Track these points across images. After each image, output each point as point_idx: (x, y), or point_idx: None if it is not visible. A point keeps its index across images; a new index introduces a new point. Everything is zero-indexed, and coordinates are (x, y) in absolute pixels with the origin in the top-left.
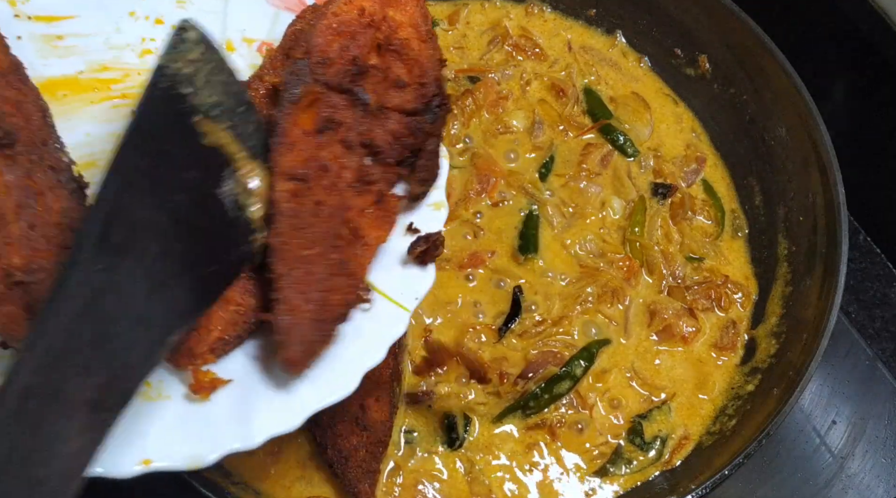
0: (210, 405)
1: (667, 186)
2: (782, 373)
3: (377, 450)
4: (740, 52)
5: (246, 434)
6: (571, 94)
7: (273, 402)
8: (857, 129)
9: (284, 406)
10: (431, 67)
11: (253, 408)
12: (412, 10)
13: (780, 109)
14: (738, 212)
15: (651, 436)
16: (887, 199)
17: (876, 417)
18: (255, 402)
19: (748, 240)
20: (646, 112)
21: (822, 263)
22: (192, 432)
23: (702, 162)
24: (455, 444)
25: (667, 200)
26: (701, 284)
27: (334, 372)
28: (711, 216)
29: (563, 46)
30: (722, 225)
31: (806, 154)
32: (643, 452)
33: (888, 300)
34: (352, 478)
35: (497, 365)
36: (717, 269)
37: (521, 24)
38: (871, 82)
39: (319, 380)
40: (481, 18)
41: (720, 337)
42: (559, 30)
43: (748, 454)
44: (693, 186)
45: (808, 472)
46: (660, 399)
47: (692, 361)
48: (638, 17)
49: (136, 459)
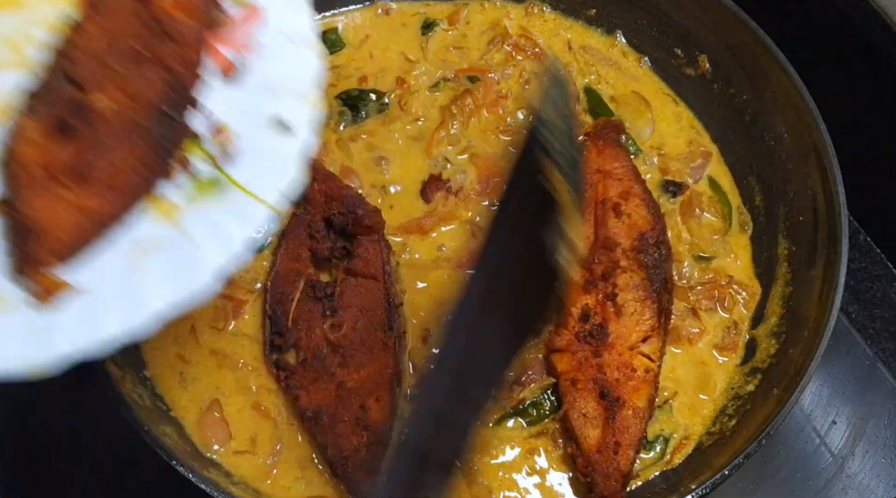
0: (55, 312)
1: (678, 184)
2: (782, 373)
3: (378, 450)
4: (740, 52)
5: (92, 338)
6: (572, 94)
7: (121, 305)
8: (857, 129)
9: (133, 309)
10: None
11: (101, 313)
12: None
13: (780, 109)
14: (742, 208)
15: (653, 435)
16: (887, 199)
17: (876, 417)
18: (104, 306)
19: (751, 238)
20: (647, 111)
21: (823, 263)
22: (33, 337)
23: (707, 156)
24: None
25: (677, 198)
26: (705, 284)
27: (185, 270)
28: (719, 212)
29: (563, 46)
30: (730, 221)
31: (806, 154)
32: (645, 452)
33: (888, 300)
34: (352, 478)
35: None
36: (723, 269)
37: (521, 23)
38: (871, 82)
39: (170, 280)
40: (481, 18)
41: (722, 337)
42: (559, 30)
43: (748, 454)
44: (699, 183)
45: (808, 472)
46: (661, 399)
47: (694, 361)
48: (638, 17)
49: None
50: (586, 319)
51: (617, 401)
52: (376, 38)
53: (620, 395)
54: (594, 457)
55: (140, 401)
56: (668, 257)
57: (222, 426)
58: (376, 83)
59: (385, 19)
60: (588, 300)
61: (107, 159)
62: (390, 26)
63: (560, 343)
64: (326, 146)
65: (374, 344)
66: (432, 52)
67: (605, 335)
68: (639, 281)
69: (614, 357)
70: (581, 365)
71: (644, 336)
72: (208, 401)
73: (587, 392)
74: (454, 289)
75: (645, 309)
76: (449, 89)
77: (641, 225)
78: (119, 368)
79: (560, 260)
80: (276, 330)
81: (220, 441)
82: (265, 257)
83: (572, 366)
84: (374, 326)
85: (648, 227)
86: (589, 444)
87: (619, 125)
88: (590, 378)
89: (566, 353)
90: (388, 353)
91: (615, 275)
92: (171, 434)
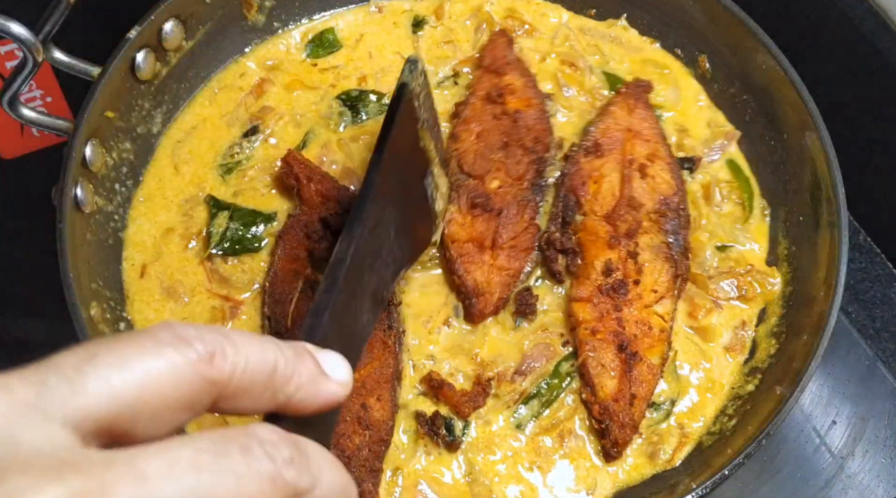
0: None
1: (691, 159)
2: (782, 373)
3: (380, 449)
4: (740, 53)
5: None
6: (583, 66)
7: None
8: (857, 129)
9: None
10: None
11: None
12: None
13: (779, 110)
14: (761, 195)
15: (657, 398)
16: (887, 200)
17: (876, 417)
18: None
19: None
20: (667, 77)
21: (823, 263)
22: None
23: (731, 137)
24: (453, 445)
25: (694, 175)
26: (724, 273)
27: None
28: (739, 197)
29: (558, 23)
30: (751, 207)
31: (805, 153)
32: (654, 409)
33: (888, 300)
34: (355, 478)
35: (492, 364)
36: (743, 258)
37: (506, 6)
38: (871, 82)
39: None
40: (461, 8)
41: (731, 338)
42: (547, 10)
43: (748, 454)
44: (717, 166)
45: (808, 472)
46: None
47: (706, 357)
48: (637, 16)
49: None
50: (609, 272)
51: (634, 355)
52: (370, 38)
53: (638, 350)
54: (611, 405)
55: None
56: (687, 225)
57: (222, 426)
58: (376, 84)
59: (378, 17)
60: (612, 255)
61: (509, 225)
62: (383, 25)
63: (583, 293)
64: (327, 146)
65: (374, 343)
66: (425, 51)
67: (626, 291)
68: (659, 243)
69: (633, 313)
70: (602, 316)
71: (660, 297)
72: None
73: (606, 343)
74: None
75: (663, 271)
76: (462, 79)
77: (664, 189)
78: None
79: (434, 202)
80: (275, 330)
81: None
82: (262, 258)
83: (594, 316)
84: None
85: (671, 192)
86: (605, 392)
87: (649, 85)
88: (609, 330)
89: (588, 303)
90: (388, 352)
91: (638, 234)
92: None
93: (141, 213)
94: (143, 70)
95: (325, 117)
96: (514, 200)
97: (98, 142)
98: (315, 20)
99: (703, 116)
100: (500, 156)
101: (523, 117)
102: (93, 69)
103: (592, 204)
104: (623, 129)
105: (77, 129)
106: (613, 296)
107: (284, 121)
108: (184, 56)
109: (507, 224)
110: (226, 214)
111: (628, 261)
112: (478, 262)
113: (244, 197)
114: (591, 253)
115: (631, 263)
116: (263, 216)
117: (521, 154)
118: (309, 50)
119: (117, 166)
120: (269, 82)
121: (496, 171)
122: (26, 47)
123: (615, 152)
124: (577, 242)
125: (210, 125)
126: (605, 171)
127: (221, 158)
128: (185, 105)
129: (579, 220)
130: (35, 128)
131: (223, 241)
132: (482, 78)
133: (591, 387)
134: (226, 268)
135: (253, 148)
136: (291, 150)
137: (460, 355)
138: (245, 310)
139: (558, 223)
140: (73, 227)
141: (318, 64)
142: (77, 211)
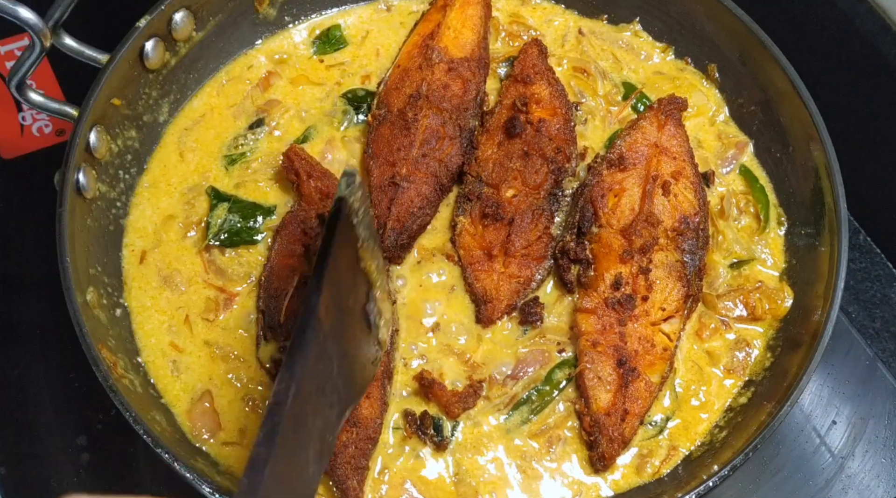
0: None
1: (704, 175)
2: (774, 388)
3: (367, 447)
4: (750, 63)
5: None
6: (595, 72)
7: None
8: (856, 129)
9: None
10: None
11: None
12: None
13: (786, 122)
14: (777, 204)
15: (654, 413)
16: (887, 199)
17: (876, 417)
18: None
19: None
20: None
21: (822, 277)
22: None
23: (742, 147)
24: (441, 445)
25: (711, 188)
26: (733, 291)
27: None
28: (755, 208)
29: (564, 29)
30: (766, 218)
31: (807, 156)
32: (646, 425)
33: (888, 300)
34: (341, 474)
35: (485, 367)
36: (754, 276)
37: (510, 11)
38: (871, 82)
39: None
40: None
41: (733, 360)
42: (552, 16)
43: (735, 466)
44: (732, 176)
45: (808, 472)
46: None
47: (705, 380)
48: (648, 24)
49: None
50: (618, 286)
51: (633, 371)
52: (376, 36)
53: (637, 366)
54: (602, 419)
55: (131, 387)
56: (705, 245)
57: (212, 417)
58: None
59: (386, 16)
60: (623, 269)
61: (521, 235)
62: (390, 24)
63: (589, 304)
64: (331, 143)
65: None
66: None
67: (633, 306)
68: (674, 262)
69: (637, 329)
70: (605, 329)
71: (668, 315)
72: (200, 391)
73: (606, 357)
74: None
75: (674, 290)
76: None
77: (686, 208)
78: (112, 353)
79: (378, 330)
80: (268, 324)
81: (209, 431)
82: (259, 252)
83: (597, 328)
84: None
85: (693, 212)
86: (599, 405)
87: (683, 103)
88: (611, 344)
89: (593, 315)
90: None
91: (653, 251)
92: (160, 421)
93: (144, 198)
94: (151, 59)
95: (329, 115)
96: (528, 209)
97: (103, 128)
98: (325, 15)
99: (714, 127)
100: (519, 165)
101: (546, 126)
102: (101, 56)
103: (610, 217)
104: (650, 145)
105: (82, 115)
106: (619, 310)
107: (290, 114)
108: (193, 47)
109: (520, 233)
110: (225, 206)
111: (639, 276)
112: (487, 269)
113: (246, 189)
114: (602, 265)
115: (641, 279)
116: (263, 209)
117: (541, 163)
118: (316, 46)
119: (122, 154)
120: (276, 75)
121: (513, 180)
122: (34, 32)
123: (639, 167)
124: (590, 253)
125: (217, 115)
126: (626, 185)
127: (226, 149)
128: (193, 94)
129: (595, 231)
130: (44, 113)
131: (221, 232)
132: (510, 87)
133: (585, 398)
134: (223, 259)
135: (258, 140)
136: (294, 145)
137: (452, 356)
138: (239, 300)
139: (573, 233)
140: (73, 212)
141: (324, 60)
142: (78, 196)
